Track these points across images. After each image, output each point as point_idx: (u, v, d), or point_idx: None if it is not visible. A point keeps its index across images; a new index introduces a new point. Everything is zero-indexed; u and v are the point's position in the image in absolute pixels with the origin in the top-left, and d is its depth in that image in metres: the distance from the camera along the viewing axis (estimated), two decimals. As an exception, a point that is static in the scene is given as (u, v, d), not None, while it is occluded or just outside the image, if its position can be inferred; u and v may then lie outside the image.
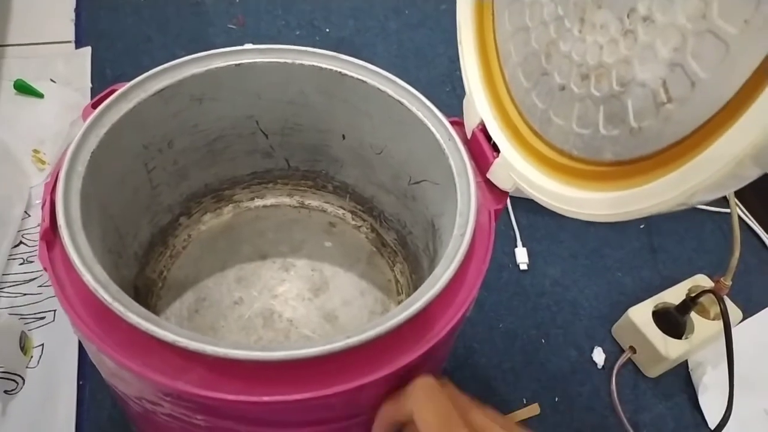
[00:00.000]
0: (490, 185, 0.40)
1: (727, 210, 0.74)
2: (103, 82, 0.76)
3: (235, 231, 0.53)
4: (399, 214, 0.51)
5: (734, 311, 0.59)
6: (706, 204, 0.74)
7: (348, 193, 0.54)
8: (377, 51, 0.87)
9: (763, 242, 0.72)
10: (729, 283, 0.55)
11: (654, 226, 0.71)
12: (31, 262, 0.57)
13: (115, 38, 0.82)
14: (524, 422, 0.53)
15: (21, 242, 0.58)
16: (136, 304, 0.30)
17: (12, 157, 0.63)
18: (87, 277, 0.30)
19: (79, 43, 0.82)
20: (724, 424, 0.50)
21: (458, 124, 0.43)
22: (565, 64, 0.34)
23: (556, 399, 0.55)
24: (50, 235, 0.33)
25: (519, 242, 0.66)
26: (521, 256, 0.64)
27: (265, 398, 0.29)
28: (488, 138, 0.41)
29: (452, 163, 0.40)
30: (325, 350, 0.29)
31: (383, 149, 0.48)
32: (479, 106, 0.41)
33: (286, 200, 0.55)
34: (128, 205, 0.44)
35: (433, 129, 0.41)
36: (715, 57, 0.24)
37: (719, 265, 0.55)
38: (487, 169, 0.40)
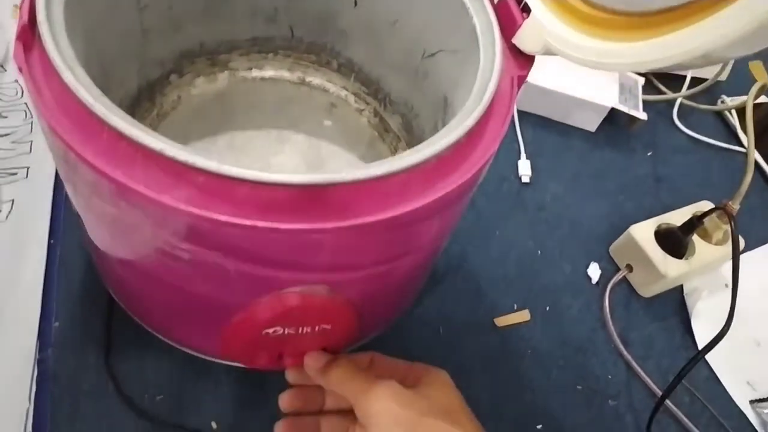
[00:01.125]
0: (514, 51, 0.37)
1: (737, 147, 0.72)
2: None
3: (228, 100, 0.49)
4: (407, 96, 0.47)
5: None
6: (716, 139, 0.72)
7: (353, 72, 0.50)
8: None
9: None
10: (737, 206, 0.53)
11: (661, 155, 0.69)
12: (5, 117, 0.53)
13: None
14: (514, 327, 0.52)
15: (-8, 95, 0.54)
16: (120, 110, 0.27)
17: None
18: (67, 76, 0.27)
19: None
20: (716, 343, 0.48)
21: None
22: None
23: (547, 308, 0.54)
24: (28, 34, 0.29)
25: (523, 155, 0.63)
26: (524, 168, 0.62)
27: (259, 223, 0.26)
28: (518, 1, 0.37)
29: (477, 22, 0.36)
30: (327, 180, 0.27)
31: (399, 18, 0.44)
32: (511, -36, 0.37)
33: (286, 74, 0.51)
34: (116, 43, 0.40)
35: (457, -13, 0.38)
36: None
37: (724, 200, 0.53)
38: (513, 34, 0.37)
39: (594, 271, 0.57)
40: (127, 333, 0.44)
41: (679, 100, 0.73)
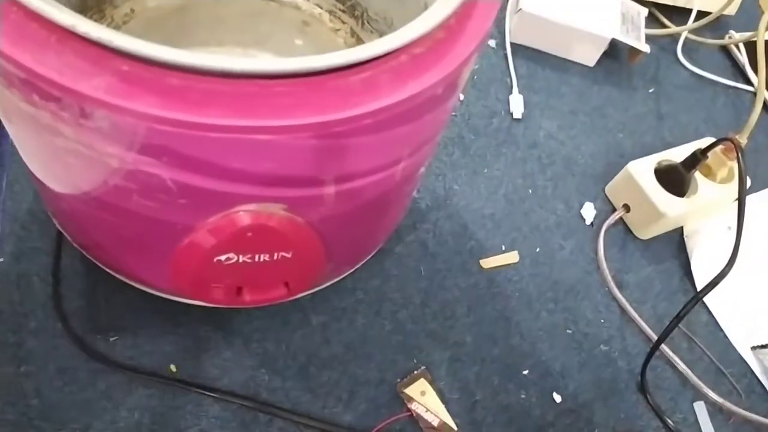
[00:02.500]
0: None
1: (744, 86, 0.67)
2: None
3: (188, 13, 0.44)
4: (387, 9, 0.43)
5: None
6: (722, 76, 0.67)
7: (328, -14, 0.46)
8: None
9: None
10: (744, 141, 0.49)
11: (663, 93, 0.64)
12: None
13: None
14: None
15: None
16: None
17: None
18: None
19: None
20: (716, 284, 0.45)
21: None
22: None
23: (537, 250, 0.50)
24: None
25: (515, 89, 0.58)
26: (516, 103, 0.57)
27: (191, 118, 0.22)
28: None
29: None
30: (274, 69, 0.23)
31: None
32: None
33: (254, -12, 0.46)
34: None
35: None
36: None
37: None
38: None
39: (588, 212, 0.53)
40: (78, 269, 0.40)
41: (683, 35, 0.68)
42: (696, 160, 0.49)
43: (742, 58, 0.69)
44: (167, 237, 0.30)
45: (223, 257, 0.30)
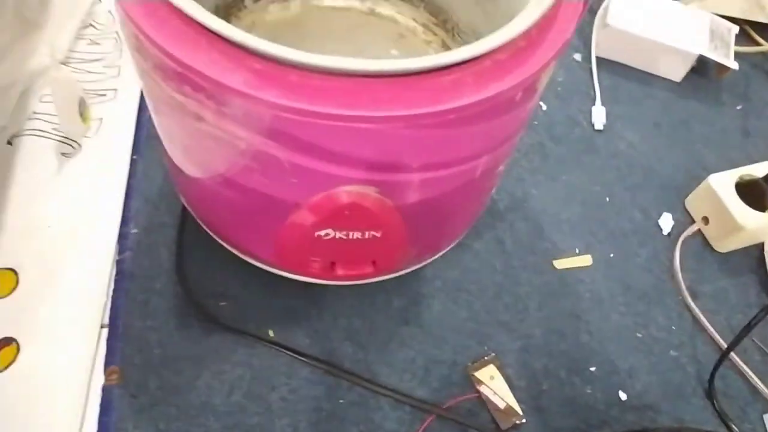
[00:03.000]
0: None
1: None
2: None
3: (300, 28, 0.50)
4: (476, 23, 0.47)
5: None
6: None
7: (422, 2, 0.50)
8: None
9: None
10: (833, 158, 0.49)
11: (752, 109, 0.64)
12: (98, 44, 0.57)
13: None
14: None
15: (90, 24, 0.58)
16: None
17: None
18: (141, -33, 0.29)
19: None
20: None
21: None
22: None
23: (611, 255, 0.52)
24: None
25: (598, 100, 0.61)
26: (598, 114, 0.60)
27: (307, 106, 0.27)
28: None
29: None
30: (376, 69, 0.27)
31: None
32: None
33: (357, 4, 0.52)
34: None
35: None
36: None
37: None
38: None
39: (666, 222, 0.54)
40: (198, 242, 0.47)
41: (778, 52, 0.67)
42: (779, 174, 0.49)
43: (843, 76, 0.67)
44: (277, 213, 0.36)
45: (322, 233, 0.35)
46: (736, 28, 0.65)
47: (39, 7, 0.55)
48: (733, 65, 0.62)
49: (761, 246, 0.54)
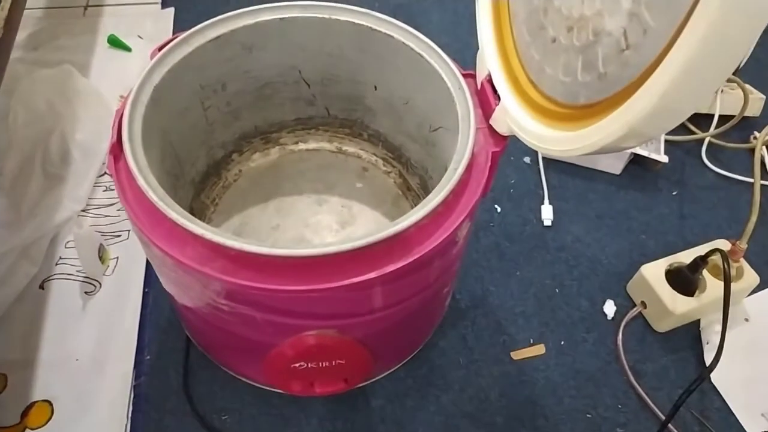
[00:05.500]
0: (492, 131, 0.45)
1: (765, 182, 0.73)
2: (181, 39, 0.85)
3: (279, 169, 0.60)
4: (423, 160, 0.56)
5: (750, 276, 0.60)
6: (748, 176, 0.74)
7: (380, 141, 0.60)
8: (432, 18, 0.91)
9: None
10: (744, 246, 0.57)
11: (687, 194, 0.72)
12: (113, 189, 0.67)
13: (197, 0, 0.91)
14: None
15: (105, 173, 0.68)
16: (177, 206, 0.38)
17: (102, 100, 0.73)
18: (140, 181, 0.38)
19: (164, 4, 0.91)
20: (715, 364, 0.53)
21: (472, 77, 0.48)
22: (557, 18, 0.38)
23: (562, 342, 0.59)
24: (117, 149, 0.41)
25: (546, 200, 0.69)
26: (546, 212, 0.68)
27: (270, 286, 0.36)
28: (494, 89, 0.45)
29: (459, 109, 0.44)
30: (317, 252, 0.36)
31: (409, 99, 0.53)
32: (488, 60, 0.45)
33: (326, 145, 0.61)
34: (187, 136, 0.51)
35: (446, 80, 0.46)
36: (662, 5, 0.28)
37: (751, 236, 0.57)
38: (489, 117, 0.45)
39: (609, 308, 0.61)
40: (201, 364, 0.55)
41: (707, 139, 0.75)
42: (698, 265, 0.57)
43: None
44: (260, 349, 0.44)
45: (297, 364, 0.44)
46: (664, 124, 0.73)
47: (60, 162, 0.66)
48: (663, 159, 0.70)
49: (698, 323, 0.61)
